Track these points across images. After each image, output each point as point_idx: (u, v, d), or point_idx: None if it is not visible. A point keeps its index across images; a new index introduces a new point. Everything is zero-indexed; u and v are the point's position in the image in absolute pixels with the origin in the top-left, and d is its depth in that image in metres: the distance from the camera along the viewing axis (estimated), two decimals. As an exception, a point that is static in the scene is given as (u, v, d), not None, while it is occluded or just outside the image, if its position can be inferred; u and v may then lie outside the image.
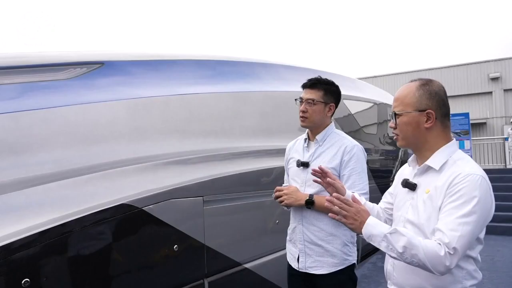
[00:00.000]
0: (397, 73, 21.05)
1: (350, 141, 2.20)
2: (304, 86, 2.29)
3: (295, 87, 3.93)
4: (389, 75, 21.23)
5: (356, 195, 1.69)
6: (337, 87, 2.29)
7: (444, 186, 1.41)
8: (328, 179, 1.77)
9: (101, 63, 2.47)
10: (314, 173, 1.84)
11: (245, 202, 2.88)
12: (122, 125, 2.27)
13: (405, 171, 1.67)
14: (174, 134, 2.52)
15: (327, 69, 4.64)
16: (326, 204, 1.53)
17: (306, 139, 2.31)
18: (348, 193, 1.77)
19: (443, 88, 1.56)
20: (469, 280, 1.46)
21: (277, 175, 3.25)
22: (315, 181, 1.87)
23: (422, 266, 1.37)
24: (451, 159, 1.47)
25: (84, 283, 1.85)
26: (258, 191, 3.02)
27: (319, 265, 2.12)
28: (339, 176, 2.14)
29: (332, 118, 2.30)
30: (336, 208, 1.49)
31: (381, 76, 21.40)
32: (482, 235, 1.47)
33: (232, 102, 3.06)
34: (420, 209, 1.47)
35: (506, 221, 8.50)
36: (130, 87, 2.47)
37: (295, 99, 2.33)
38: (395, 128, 1.56)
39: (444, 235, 1.34)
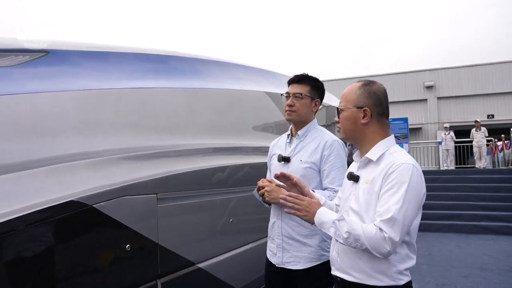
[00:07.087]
0: (341, 79, 21.89)
1: (330, 137, 2.23)
2: (291, 81, 2.30)
3: (249, 86, 3.95)
4: (333, 80, 22.04)
5: (324, 192, 1.92)
6: (322, 84, 2.34)
7: (381, 175, 1.54)
8: (292, 180, 1.89)
9: (45, 52, 2.30)
10: (277, 177, 1.94)
11: (200, 200, 2.81)
12: (71, 117, 2.12)
13: (352, 166, 1.79)
14: (126, 129, 2.39)
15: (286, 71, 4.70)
16: (281, 201, 1.69)
17: (289, 135, 2.33)
18: (320, 193, 1.97)
19: (384, 90, 1.69)
20: (402, 264, 1.57)
21: (232, 173, 3.21)
22: (277, 185, 1.98)
23: (366, 249, 1.48)
24: (387, 152, 1.61)
25: (29, 287, 1.69)
26: (213, 189, 2.96)
27: (296, 260, 2.11)
28: (319, 171, 2.16)
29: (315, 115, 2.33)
30: (289, 204, 1.65)
31: (327, 81, 22.17)
32: (417, 221, 1.58)
33: (187, 98, 2.98)
34: (361, 197, 1.59)
35: (440, 219, 9.08)
36: (78, 78, 2.32)
37: (281, 94, 2.33)
38: (338, 122, 1.71)
39: (381, 221, 1.45)
